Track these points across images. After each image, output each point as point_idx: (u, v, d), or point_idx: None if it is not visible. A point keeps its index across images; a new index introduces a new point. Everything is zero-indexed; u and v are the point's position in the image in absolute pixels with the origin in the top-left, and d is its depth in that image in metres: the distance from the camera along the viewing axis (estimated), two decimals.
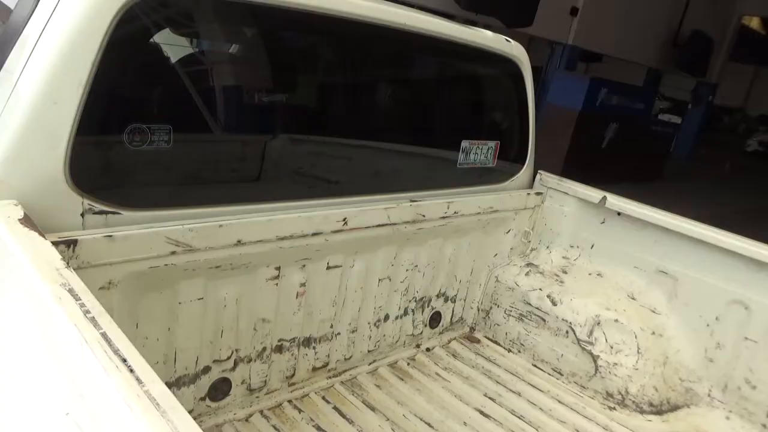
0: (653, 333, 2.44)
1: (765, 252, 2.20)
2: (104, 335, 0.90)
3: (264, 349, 2.02)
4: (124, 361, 0.85)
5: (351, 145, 2.36)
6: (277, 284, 1.97)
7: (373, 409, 2.13)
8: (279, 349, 2.08)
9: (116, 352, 0.87)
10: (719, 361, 2.33)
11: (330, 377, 2.26)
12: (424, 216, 2.29)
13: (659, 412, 2.33)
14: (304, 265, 2.03)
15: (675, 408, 2.36)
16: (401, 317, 2.48)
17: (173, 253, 1.60)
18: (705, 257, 2.36)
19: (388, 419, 2.08)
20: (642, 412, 2.32)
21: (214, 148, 2.02)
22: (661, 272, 2.50)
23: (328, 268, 2.11)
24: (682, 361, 2.41)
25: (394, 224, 2.19)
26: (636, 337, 2.40)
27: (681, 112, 16.48)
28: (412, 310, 2.52)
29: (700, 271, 2.38)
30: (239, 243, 1.75)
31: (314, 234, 1.94)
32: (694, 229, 2.36)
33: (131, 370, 0.83)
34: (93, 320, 0.94)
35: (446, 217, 2.39)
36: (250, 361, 2.00)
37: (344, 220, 2.01)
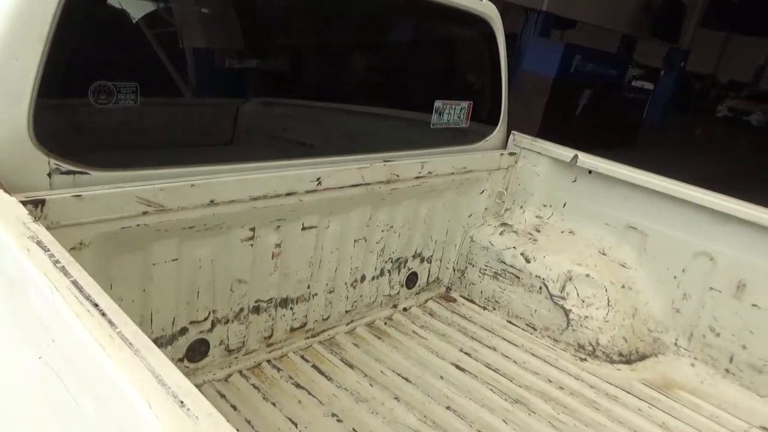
0: (623, 286, 2.51)
1: (729, 204, 2.26)
2: (75, 282, 0.90)
3: (241, 309, 2.03)
4: (96, 305, 0.86)
5: (324, 107, 2.35)
6: (252, 245, 1.97)
7: (351, 366, 2.16)
8: (256, 309, 2.09)
9: (87, 297, 0.87)
10: (685, 311, 2.42)
11: (308, 337, 2.29)
12: (398, 176, 2.30)
13: (628, 362, 2.41)
14: (279, 226, 2.03)
15: (643, 357, 2.44)
16: (378, 278, 2.50)
17: (145, 213, 1.59)
18: (672, 212, 2.42)
19: (366, 375, 2.12)
20: (612, 362, 2.40)
21: (184, 109, 2.00)
22: (630, 228, 2.56)
23: (304, 228, 2.11)
24: (651, 312, 2.49)
25: (368, 184, 2.20)
26: (606, 290, 2.47)
27: (654, 78, 16.65)
28: (389, 271, 2.55)
29: (667, 226, 2.45)
30: (212, 203, 1.74)
31: (288, 194, 1.94)
32: (663, 185, 2.42)
33: (103, 314, 0.84)
34: (63, 269, 0.94)
35: (420, 177, 2.40)
36: (227, 321, 2.01)
37: (318, 180, 2.01)
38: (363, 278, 2.44)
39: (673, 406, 2.20)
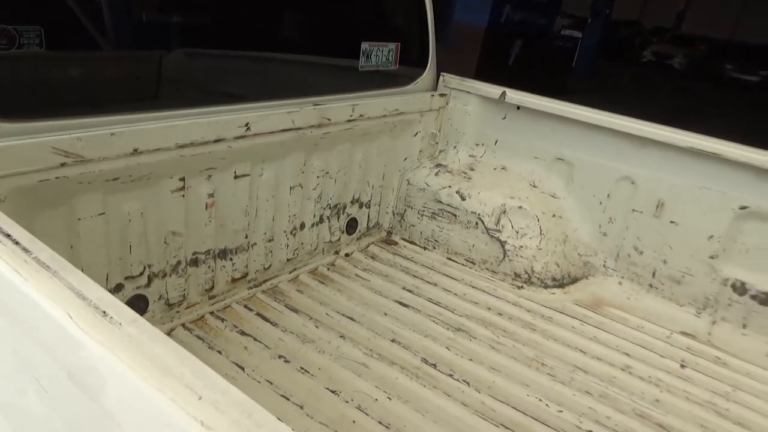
0: (553, 215, 2.62)
1: (646, 128, 2.38)
2: None
3: (178, 262, 2.00)
4: (8, 236, 0.83)
5: (250, 56, 2.29)
6: (183, 196, 1.93)
7: (296, 311, 2.18)
8: (194, 262, 2.06)
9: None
10: (611, 233, 2.55)
11: (251, 287, 2.28)
12: (329, 119, 2.29)
13: (561, 285, 2.54)
14: (210, 175, 1.99)
15: (575, 280, 2.58)
16: (317, 225, 2.51)
17: (63, 164, 1.53)
18: (596, 140, 2.52)
19: (311, 318, 2.14)
20: (546, 287, 2.52)
21: (99, 57, 1.90)
22: (558, 159, 2.65)
23: (236, 177, 2.08)
24: (580, 237, 2.62)
25: (300, 129, 2.18)
26: (538, 220, 2.57)
27: (581, 27, 16.97)
28: (328, 218, 2.56)
29: (592, 154, 2.55)
30: (136, 152, 1.68)
31: (216, 141, 1.90)
32: (586, 114, 2.51)
33: (16, 243, 0.81)
34: None
35: (352, 120, 2.39)
36: (165, 275, 1.97)
37: (246, 125, 1.98)
38: (302, 226, 2.44)
39: (603, 321, 2.34)
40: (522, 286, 2.53)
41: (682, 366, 2.12)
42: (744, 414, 1.89)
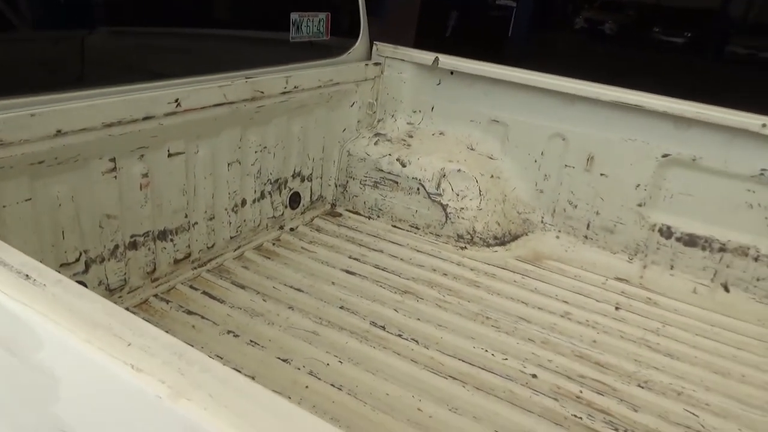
0: (492, 176, 2.69)
1: (575, 86, 2.46)
2: None
3: (116, 246, 1.95)
4: None
5: (177, 32, 2.22)
6: (115, 177, 1.87)
7: (243, 287, 2.17)
8: (133, 245, 2.01)
9: None
10: (547, 190, 2.65)
11: (195, 267, 2.25)
12: (262, 92, 2.26)
13: (503, 243, 2.62)
14: (142, 155, 1.94)
15: (515, 237, 2.67)
16: (259, 200, 2.49)
17: None
18: (528, 100, 2.60)
19: (258, 293, 2.14)
20: (489, 245, 2.60)
21: (18, 35, 1.80)
22: (493, 121, 2.72)
23: (170, 155, 2.04)
24: (518, 196, 2.71)
25: (233, 103, 2.15)
26: (477, 182, 2.63)
27: None
28: (270, 193, 2.54)
29: (525, 114, 2.63)
30: (60, 133, 1.62)
31: (145, 118, 1.85)
32: (518, 75, 2.57)
33: None
34: None
35: (287, 92, 2.37)
36: (103, 260, 1.92)
37: (176, 101, 1.93)
38: (243, 202, 2.42)
39: (543, 273, 2.44)
40: (465, 247, 2.60)
41: (617, 308, 2.24)
42: (672, 346, 2.03)
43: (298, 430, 0.51)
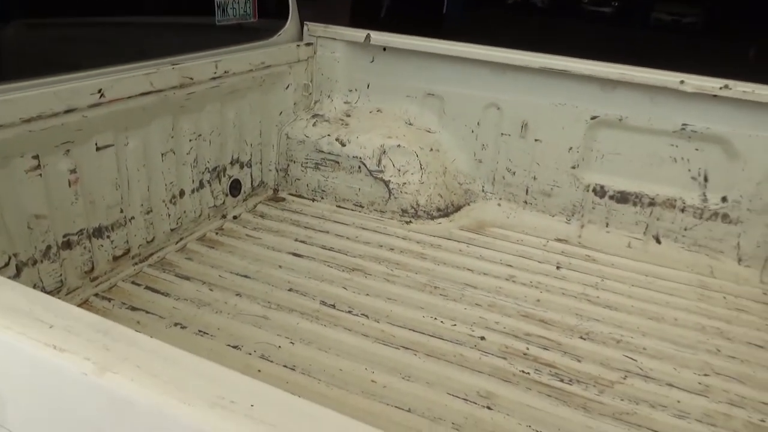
0: (431, 150, 2.72)
1: (504, 54, 2.51)
2: None
3: (48, 247, 1.87)
4: None
5: (98, 22, 2.13)
6: (41, 175, 1.79)
7: (187, 279, 2.13)
8: (67, 244, 1.94)
9: None
10: (486, 159, 2.70)
11: (136, 263, 2.19)
12: (191, 79, 2.20)
13: (446, 215, 2.67)
14: (68, 150, 1.86)
15: (458, 208, 2.72)
16: (198, 190, 2.44)
17: None
18: (462, 72, 2.63)
19: (204, 283, 2.11)
20: (433, 218, 2.64)
21: None
22: (429, 95, 2.74)
23: (98, 149, 1.96)
24: (458, 167, 2.75)
25: (161, 91, 2.08)
26: (417, 156, 2.66)
27: None
28: (208, 182, 2.49)
29: (459, 86, 2.66)
30: None
31: (68, 111, 1.78)
32: (449, 47, 2.60)
33: None
34: None
35: (217, 77, 2.32)
36: (35, 263, 1.84)
37: (100, 91, 1.86)
38: (182, 193, 2.36)
39: (487, 240, 2.50)
40: (410, 221, 2.63)
41: (558, 267, 2.33)
42: (611, 298, 2.12)
43: (228, 390, 0.52)
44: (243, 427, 0.49)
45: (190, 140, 2.33)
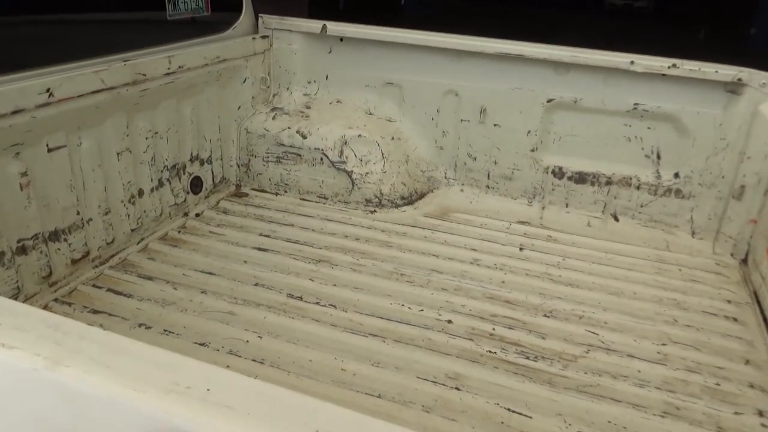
0: (392, 138, 2.73)
1: (460, 41, 2.53)
2: None
3: (2, 253, 1.82)
4: None
5: (44, 19, 2.06)
6: None
7: (150, 279, 2.10)
8: (22, 250, 1.88)
9: None
10: (447, 146, 2.73)
11: (96, 266, 2.15)
12: (144, 75, 2.15)
13: (410, 202, 2.69)
14: (18, 152, 1.81)
15: (422, 195, 2.74)
16: (157, 189, 2.39)
17: None
18: (420, 60, 2.64)
19: (168, 282, 2.08)
20: (397, 206, 2.65)
21: None
22: (388, 84, 2.75)
23: (50, 150, 1.91)
24: (420, 155, 2.77)
25: (112, 88, 2.04)
26: (379, 145, 2.67)
27: None
28: (168, 180, 2.45)
29: (417, 74, 2.67)
30: None
31: (15, 112, 1.72)
32: (405, 36, 2.61)
33: None
34: None
35: (171, 73, 2.28)
36: None
37: (48, 91, 1.81)
38: (141, 193, 2.32)
39: (451, 226, 2.53)
40: (374, 210, 2.64)
41: (521, 249, 2.37)
42: (572, 276, 2.18)
43: (183, 376, 0.51)
44: (199, 411, 0.49)
45: (146, 138, 2.28)
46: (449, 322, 1.90)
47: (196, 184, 2.63)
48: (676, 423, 1.52)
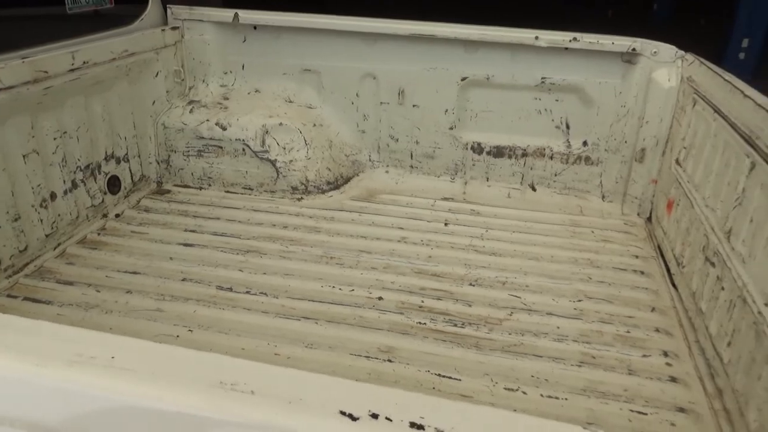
0: (314, 125, 2.74)
1: (374, 24, 2.56)
2: None
3: None
4: None
5: None
6: None
7: (71, 284, 2.02)
8: None
9: None
10: (369, 129, 2.76)
11: (10, 275, 2.04)
12: (46, 72, 2.06)
13: (337, 187, 2.71)
14: None
15: (348, 179, 2.76)
16: (71, 191, 2.30)
17: None
18: (335, 45, 2.65)
19: (90, 285, 2.01)
20: (323, 192, 2.67)
21: None
22: (306, 71, 2.75)
23: None
24: (343, 140, 2.79)
25: (11, 87, 1.93)
26: (301, 132, 2.67)
27: None
28: (82, 181, 2.35)
29: (334, 59, 2.69)
30: None
31: None
32: (319, 21, 2.61)
33: None
34: None
35: (76, 69, 2.18)
36: None
37: None
38: (53, 196, 2.22)
39: (378, 207, 2.58)
40: (301, 197, 2.64)
41: (446, 224, 2.45)
42: (495, 246, 2.27)
43: (86, 347, 0.52)
44: (103, 376, 0.49)
45: (54, 138, 2.18)
46: (380, 299, 1.95)
47: (113, 184, 2.54)
48: (592, 370, 1.63)
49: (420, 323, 1.82)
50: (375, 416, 0.54)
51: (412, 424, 0.51)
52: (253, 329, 1.79)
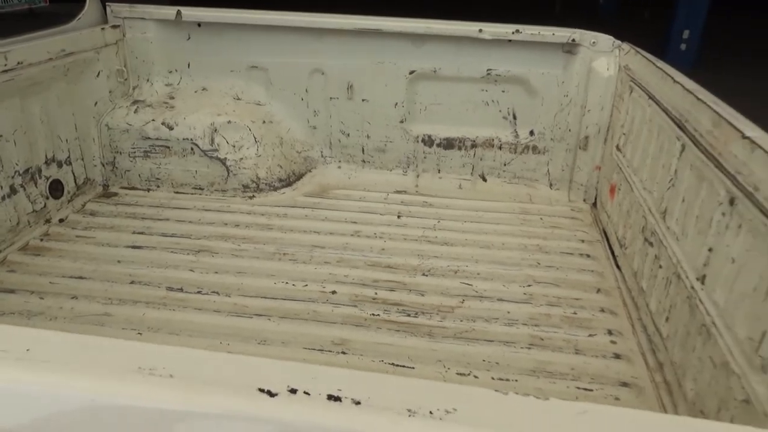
0: (264, 122, 2.71)
1: (321, 19, 2.55)
2: None
3: None
4: None
5: None
6: None
7: (12, 291, 1.95)
8: None
9: None
10: (320, 125, 2.76)
11: None
12: None
13: (289, 184, 2.69)
14: None
15: (300, 176, 2.75)
16: (10, 197, 2.22)
17: None
18: (281, 41, 2.63)
19: (33, 292, 1.95)
20: (275, 189, 2.65)
21: None
22: (252, 67, 2.72)
23: None
24: (294, 136, 2.78)
25: None
26: (250, 130, 2.64)
27: None
28: (21, 186, 2.27)
29: (281, 55, 2.67)
30: None
31: None
32: (265, 17, 2.58)
33: None
34: None
35: (9, 70, 2.11)
36: None
37: None
38: None
39: (331, 202, 2.58)
40: (253, 195, 2.62)
41: (399, 217, 2.47)
42: (448, 236, 2.31)
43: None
44: (18, 369, 0.48)
45: None
46: (333, 293, 1.95)
47: (56, 188, 2.46)
48: (540, 351, 1.68)
49: (373, 315, 1.84)
50: (293, 391, 0.55)
51: (330, 396, 0.52)
52: (205, 329, 1.77)
